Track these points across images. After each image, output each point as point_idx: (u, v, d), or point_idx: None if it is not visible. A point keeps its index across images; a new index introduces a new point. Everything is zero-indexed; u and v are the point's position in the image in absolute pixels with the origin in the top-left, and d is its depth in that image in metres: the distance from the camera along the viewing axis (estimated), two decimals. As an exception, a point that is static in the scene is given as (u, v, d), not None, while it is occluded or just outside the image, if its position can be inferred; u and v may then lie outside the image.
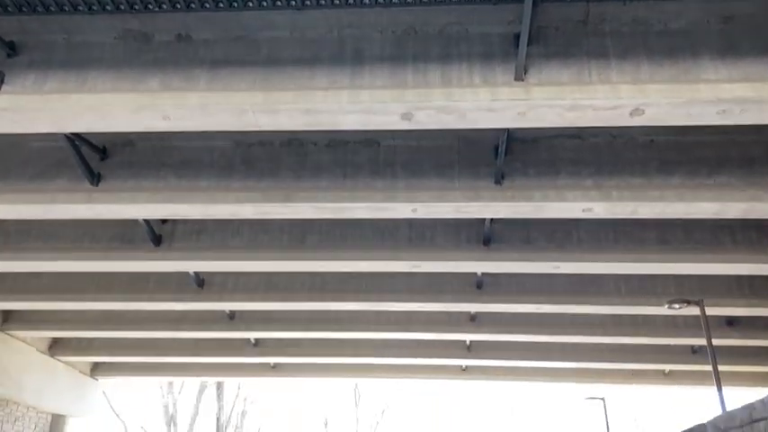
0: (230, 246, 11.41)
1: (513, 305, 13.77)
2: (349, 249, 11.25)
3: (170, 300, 14.00)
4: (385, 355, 18.17)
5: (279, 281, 13.62)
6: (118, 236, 11.48)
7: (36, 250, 11.58)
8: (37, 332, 16.90)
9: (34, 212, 9.85)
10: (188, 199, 9.31)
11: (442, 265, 11.55)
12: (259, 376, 22.78)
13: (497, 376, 20.33)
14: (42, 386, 18.07)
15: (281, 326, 16.02)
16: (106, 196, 9.30)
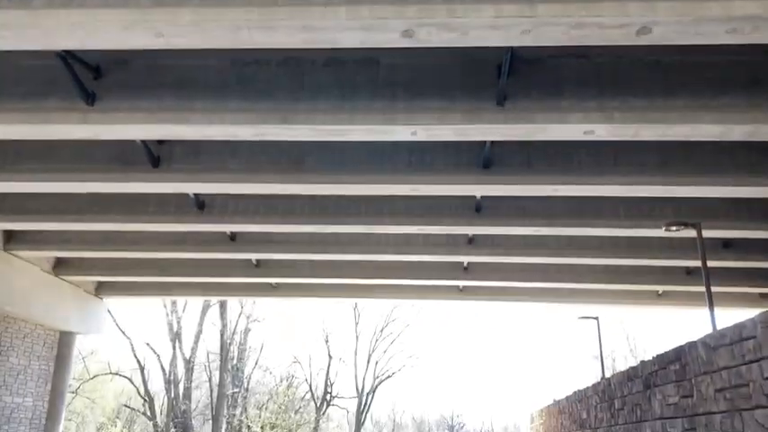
0: (228, 167, 11.35)
1: (512, 228, 13.89)
2: (348, 172, 11.20)
3: (170, 221, 14.08)
4: (383, 277, 18.47)
5: (279, 203, 13.64)
6: (116, 157, 11.39)
7: (34, 171, 11.52)
8: (39, 252, 17.13)
9: (29, 132, 9.76)
10: (184, 120, 9.19)
11: (442, 189, 11.55)
12: (261, 296, 23.23)
13: (494, 297, 20.75)
14: (48, 304, 18.48)
15: (282, 247, 16.20)
16: (102, 116, 9.16)
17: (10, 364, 17.72)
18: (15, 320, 17.90)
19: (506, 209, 13.26)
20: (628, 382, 10.46)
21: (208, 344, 43.88)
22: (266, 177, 11.32)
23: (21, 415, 18.13)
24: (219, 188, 12.11)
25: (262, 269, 18.46)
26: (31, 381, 18.63)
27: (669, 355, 8.62)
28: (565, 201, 12.97)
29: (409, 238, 15.65)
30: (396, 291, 20.79)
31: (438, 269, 18.04)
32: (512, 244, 15.62)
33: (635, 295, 20.04)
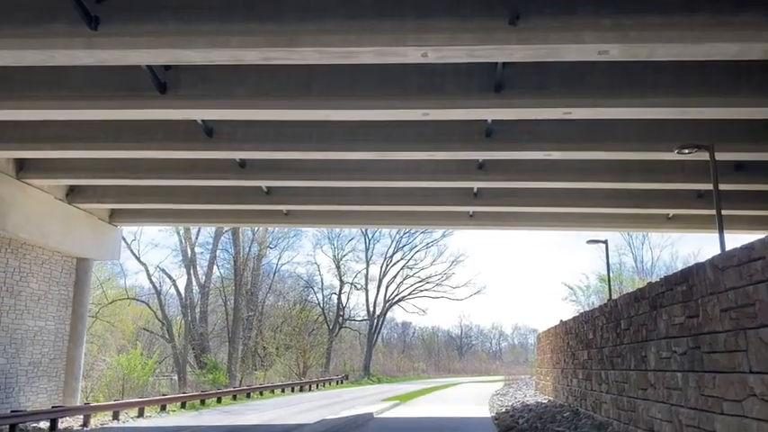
0: (235, 93, 11.21)
1: (523, 152, 13.79)
2: (357, 97, 11.05)
3: (179, 148, 14.08)
4: (393, 203, 18.55)
5: (288, 130, 13.55)
6: (124, 83, 11.26)
7: (42, 98, 11.46)
8: (52, 180, 17.28)
9: (34, 58, 9.63)
10: (189, 44, 9.02)
11: (452, 113, 11.41)
12: (272, 223, 23.60)
13: (504, 223, 20.85)
14: (64, 232, 18.79)
15: (292, 174, 16.22)
16: (106, 41, 9.00)
17: (30, 290, 18.23)
18: (33, 247, 18.27)
19: (517, 133, 13.12)
20: (634, 304, 10.64)
21: (222, 269, 44.85)
22: (274, 103, 11.21)
23: (44, 338, 18.82)
24: (227, 114, 12.02)
25: (272, 196, 18.57)
26: (51, 305, 19.22)
27: (676, 276, 8.72)
28: (576, 124, 12.79)
29: (419, 165, 15.61)
30: (406, 217, 20.92)
31: (448, 195, 18.07)
32: (522, 169, 15.55)
33: (645, 219, 20.08)
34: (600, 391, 13.25)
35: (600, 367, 13.27)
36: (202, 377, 35.05)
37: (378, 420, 18.26)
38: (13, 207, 16.40)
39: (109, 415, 19.13)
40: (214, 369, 35.63)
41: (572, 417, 14.58)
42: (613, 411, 12.07)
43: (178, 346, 40.59)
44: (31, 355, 18.22)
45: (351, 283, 56.97)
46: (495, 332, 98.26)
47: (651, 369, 9.62)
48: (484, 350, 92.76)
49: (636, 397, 10.48)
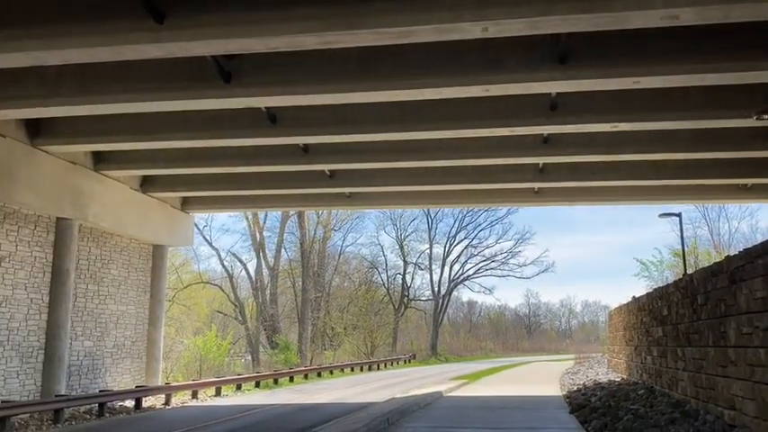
0: (296, 79, 11.35)
1: (589, 125, 13.40)
2: (417, 76, 10.98)
3: (245, 136, 14.43)
4: (456, 182, 18.42)
5: (349, 113, 13.63)
6: (189, 74, 11.57)
7: (114, 92, 11.94)
8: (127, 171, 18.05)
9: (105, 55, 10.03)
10: (250, 32, 9.17)
11: (514, 88, 11.19)
12: (336, 206, 23.89)
13: (571, 198, 20.37)
14: (140, 220, 19.65)
15: (354, 157, 16.35)
16: (172, 34, 9.26)
17: (111, 276, 19.20)
18: (112, 236, 19.20)
19: (583, 105, 12.74)
20: (712, 278, 10.23)
21: (289, 252, 45.88)
22: (334, 87, 11.28)
23: (126, 321, 19.82)
24: (288, 100, 12.18)
25: (335, 179, 18.78)
26: (131, 290, 20.19)
27: (757, 248, 8.32)
28: (644, 93, 12.28)
29: (482, 141, 15.41)
30: (469, 196, 20.76)
31: (512, 172, 17.79)
32: (588, 142, 15.12)
33: (720, 190, 19.19)
34: (676, 368, 12.86)
35: (675, 344, 12.87)
36: (274, 357, 36.12)
37: (447, 399, 18.36)
38: (93, 198, 17.25)
39: (188, 394, 20.01)
40: (285, 349, 36.64)
41: (647, 395, 14.22)
42: (691, 389, 11.70)
43: (250, 328, 41.90)
44: (114, 338, 19.23)
45: (414, 263, 57.22)
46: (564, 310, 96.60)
47: (731, 345, 9.25)
48: (553, 329, 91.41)
49: (715, 374, 10.12)
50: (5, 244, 15.04)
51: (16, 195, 14.71)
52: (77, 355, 17.57)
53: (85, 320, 17.98)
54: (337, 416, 14.19)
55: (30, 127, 14.84)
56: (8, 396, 14.74)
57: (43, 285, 16.17)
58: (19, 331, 15.38)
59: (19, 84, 12.20)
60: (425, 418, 13.77)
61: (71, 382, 17.09)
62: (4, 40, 9.66)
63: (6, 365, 14.98)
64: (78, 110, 12.73)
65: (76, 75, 11.86)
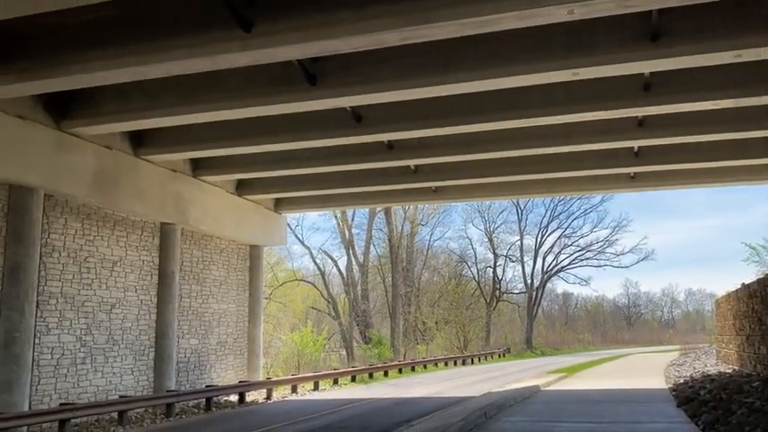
0: (379, 76, 11.44)
1: (686, 104, 12.67)
2: (501, 65, 10.78)
3: (332, 136, 14.72)
4: (547, 171, 17.96)
5: (432, 107, 13.59)
6: (276, 79, 11.95)
7: (207, 101, 12.51)
8: (222, 176, 18.85)
9: (197, 65, 10.52)
10: (332, 33, 9.32)
11: (605, 69, 10.75)
12: (422, 201, 23.90)
13: (669, 182, 19.37)
14: (236, 222, 20.49)
15: (439, 151, 16.29)
16: (259, 41, 9.57)
17: (213, 276, 20.14)
18: (212, 238, 20.14)
19: (679, 84, 12.06)
20: (833, 262, 9.42)
21: (378, 248, 46.40)
22: (416, 81, 11.28)
23: (227, 319, 20.73)
24: (372, 98, 12.28)
25: (420, 174, 18.80)
26: (231, 290, 21.09)
27: None
28: (744, 67, 11.42)
29: (573, 127, 14.92)
30: (560, 184, 20.19)
31: (606, 157, 17.13)
32: (686, 122, 14.30)
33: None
34: (795, 359, 11.97)
35: (794, 334, 11.98)
36: (368, 352, 36.66)
37: (545, 393, 17.98)
38: (193, 203, 18.15)
39: (288, 389, 20.69)
40: (379, 344, 37.13)
41: (762, 387, 13.32)
42: (813, 382, 10.86)
43: (344, 323, 42.73)
44: (218, 336, 20.17)
45: (505, 255, 56.36)
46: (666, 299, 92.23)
47: None
48: (654, 319, 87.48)
49: (841, 366, 9.33)
50: (116, 249, 16.11)
51: (124, 203, 15.72)
52: (184, 352, 18.57)
53: (191, 319, 18.97)
54: (433, 410, 14.23)
55: (133, 138, 15.80)
56: (124, 391, 15.81)
57: (151, 287, 17.20)
58: (131, 331, 16.45)
59: (123, 98, 13.05)
60: (523, 412, 13.55)
61: (180, 378, 18.08)
62: (107, 58, 10.34)
63: (122, 363, 16.06)
64: (177, 120, 13.44)
65: (174, 87, 12.54)
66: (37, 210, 13.43)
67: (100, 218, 15.66)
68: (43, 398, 13.77)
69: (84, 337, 14.96)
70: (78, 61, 10.55)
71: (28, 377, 13.00)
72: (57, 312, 14.28)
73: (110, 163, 15.12)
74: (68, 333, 14.55)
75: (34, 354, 13.39)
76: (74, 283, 14.78)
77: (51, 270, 14.19)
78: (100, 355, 15.40)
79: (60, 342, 14.33)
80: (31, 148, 13.03)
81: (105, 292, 15.69)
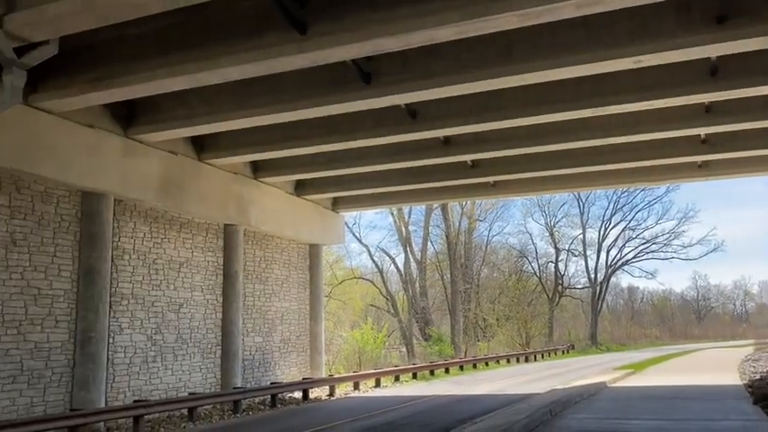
0: (434, 72, 11.38)
1: (754, 88, 12.08)
2: (561, 54, 10.55)
3: (387, 134, 14.74)
4: (610, 162, 17.47)
5: (490, 100, 13.42)
6: (331, 80, 12.07)
7: (266, 104, 12.77)
8: (281, 177, 19.17)
9: (255, 70, 10.74)
10: (386, 32, 9.34)
11: (670, 55, 10.37)
12: (480, 196, 23.69)
13: (739, 170, 18.51)
14: (296, 222, 20.83)
15: (496, 144, 16.07)
16: (314, 43, 9.69)
17: (274, 276, 20.54)
18: (273, 238, 20.54)
19: (747, 67, 11.51)
20: None
21: (435, 245, 46.24)
22: (472, 76, 11.16)
23: (290, 317, 21.11)
24: (428, 94, 12.21)
25: (478, 169, 18.62)
26: (293, 288, 21.46)
27: None
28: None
29: (637, 116, 14.46)
30: (623, 175, 19.60)
31: (671, 146, 16.52)
32: (757, 107, 13.64)
33: None
34: None
35: None
36: (428, 349, 36.61)
37: (611, 390, 17.54)
38: (254, 204, 18.55)
39: (350, 386, 20.88)
40: (439, 341, 37.02)
41: None
42: None
43: (403, 320, 42.81)
44: (281, 333, 20.56)
45: (567, 249, 55.17)
46: (738, 292, 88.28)
47: None
48: (726, 313, 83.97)
49: None
50: (183, 251, 16.63)
51: (189, 206, 16.21)
52: (249, 350, 19.01)
53: (254, 318, 19.41)
54: (496, 407, 14.09)
55: (196, 143, 16.28)
56: (193, 388, 16.32)
57: (217, 287, 17.69)
58: (199, 329, 16.96)
59: (184, 105, 13.46)
60: (589, 409, 13.25)
61: (245, 375, 18.53)
62: (169, 65, 10.69)
63: (190, 361, 16.58)
64: (236, 124, 13.76)
65: (232, 92, 12.86)
66: (108, 214, 14.02)
67: (167, 221, 16.20)
68: (118, 395, 14.36)
69: (154, 336, 15.52)
70: (141, 70, 10.96)
71: (103, 375, 13.59)
72: (128, 312, 14.86)
73: (174, 167, 15.62)
74: (140, 332, 15.12)
75: (109, 352, 13.99)
76: (144, 284, 15.35)
77: (122, 272, 14.78)
78: (169, 353, 15.94)
79: (132, 341, 14.92)
80: (100, 155, 13.59)
81: (173, 292, 16.23)
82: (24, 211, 12.60)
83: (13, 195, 12.42)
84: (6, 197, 12.28)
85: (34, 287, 12.63)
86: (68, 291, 13.31)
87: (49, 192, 13.11)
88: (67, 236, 13.42)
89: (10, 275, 12.21)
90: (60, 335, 13.06)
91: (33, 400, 12.40)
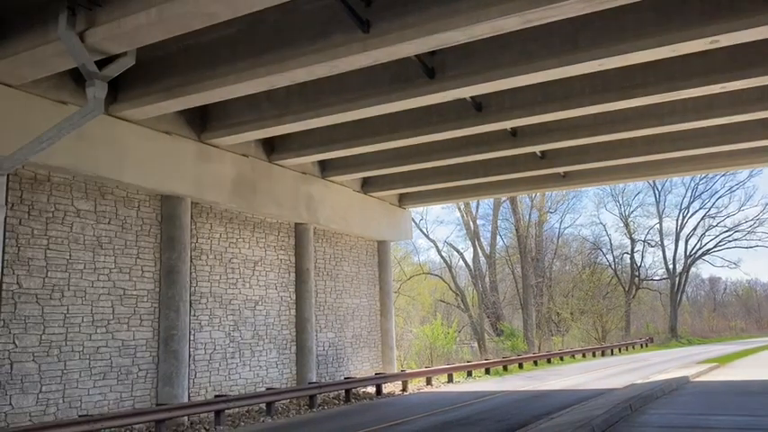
0: (500, 63, 11.25)
1: None
2: (629, 38, 10.21)
3: (452, 128, 14.67)
4: (684, 148, 16.78)
5: (556, 90, 13.17)
6: (395, 77, 12.14)
7: (331, 104, 12.96)
8: (348, 175, 19.39)
9: (321, 71, 10.90)
10: (450, 25, 9.30)
11: (747, 34, 9.84)
12: (550, 188, 23.12)
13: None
14: (363, 219, 21.05)
15: (566, 135, 15.72)
16: (378, 41, 9.77)
17: (344, 272, 20.83)
18: (342, 236, 20.83)
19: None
20: None
21: (505, 239, 45.64)
22: (540, 64, 10.96)
23: (360, 313, 21.36)
24: (493, 86, 12.07)
25: (548, 160, 18.26)
26: (362, 284, 21.70)
27: None
28: None
29: (711, 100, 13.82)
30: (700, 161, 18.77)
31: (752, 129, 15.70)
32: None
33: None
34: None
35: None
36: (501, 344, 36.20)
37: (695, 384, 16.85)
38: (322, 203, 18.88)
39: (422, 381, 20.93)
40: (511, 336, 36.54)
41: None
42: None
43: (474, 315, 42.49)
44: (352, 329, 20.84)
45: (643, 240, 53.33)
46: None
47: None
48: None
49: None
50: (257, 250, 17.12)
51: (261, 207, 16.66)
52: (323, 345, 19.37)
53: (327, 314, 19.76)
54: (573, 403, 13.81)
55: (266, 145, 16.72)
56: (270, 383, 16.78)
57: (289, 284, 18.12)
58: (274, 326, 17.42)
59: (254, 108, 13.85)
60: (672, 404, 12.79)
61: (319, 370, 18.89)
62: (239, 71, 11.03)
63: (267, 356, 17.05)
64: (304, 125, 14.03)
65: (299, 94, 13.15)
66: (186, 217, 14.60)
67: (240, 221, 16.71)
68: (199, 390, 14.95)
69: (232, 332, 16.06)
70: (213, 77, 11.36)
71: (186, 371, 14.17)
72: (207, 310, 15.44)
73: (247, 169, 16.10)
74: (218, 329, 15.68)
75: (190, 349, 14.58)
76: (221, 283, 15.90)
77: (200, 271, 15.36)
78: (247, 349, 16.46)
79: (212, 338, 15.48)
80: (177, 160, 14.17)
81: (249, 290, 16.73)
82: (109, 216, 13.29)
83: (98, 201, 13.11)
84: (92, 203, 12.98)
85: (120, 288, 13.31)
86: (151, 291, 13.95)
87: (130, 197, 13.78)
88: (149, 238, 14.07)
89: (98, 277, 12.91)
90: (145, 333, 13.71)
91: (122, 395, 13.08)
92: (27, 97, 11.31)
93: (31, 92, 11.34)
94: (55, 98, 11.72)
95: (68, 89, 11.88)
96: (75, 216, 12.62)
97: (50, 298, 11.99)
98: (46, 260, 11.99)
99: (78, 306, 12.46)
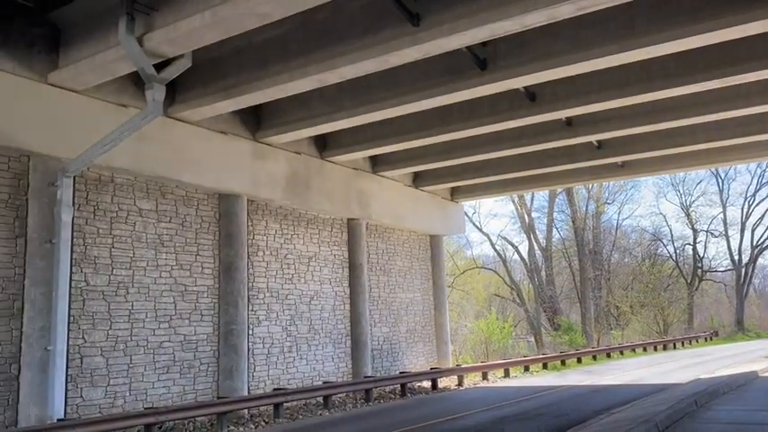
0: (554, 51, 11.04)
1: None
2: (683, 23, 9.84)
3: (505, 119, 14.47)
4: (749, 133, 16.07)
5: (612, 77, 12.81)
6: (446, 69, 12.06)
7: (383, 99, 12.98)
8: (399, 170, 19.41)
9: (371, 66, 10.95)
10: (502, 14, 9.18)
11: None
12: (607, 178, 22.55)
13: None
14: (415, 213, 21.04)
15: (623, 123, 15.30)
16: (428, 34, 9.74)
17: (397, 267, 20.88)
18: (393, 230, 20.87)
19: None
20: None
21: (561, 231, 44.80)
22: (595, 52, 10.70)
23: (414, 308, 21.37)
24: (547, 75, 11.84)
25: (605, 150, 17.83)
26: (415, 279, 21.70)
27: None
28: None
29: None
30: (766, 147, 17.94)
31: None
32: None
33: None
34: None
35: None
36: (558, 338, 35.57)
37: (764, 379, 16.16)
38: (374, 198, 18.96)
39: (478, 376, 20.79)
40: (569, 330, 35.83)
41: None
42: None
43: (530, 310, 41.89)
44: (406, 324, 20.88)
45: (706, 230, 51.27)
46: None
47: None
48: None
49: None
50: (311, 245, 17.35)
51: (314, 203, 16.87)
52: (377, 340, 19.48)
53: (380, 308, 19.85)
54: (634, 398, 13.46)
55: (318, 142, 16.90)
56: (326, 377, 17.00)
57: (343, 279, 18.29)
58: (329, 320, 17.63)
59: (306, 106, 14.02)
60: (740, 400, 12.31)
61: (374, 364, 19.01)
62: (291, 69, 11.18)
63: (323, 350, 17.28)
64: (355, 121, 14.11)
65: (350, 90, 13.23)
66: (242, 214, 14.92)
67: (295, 218, 16.96)
68: (258, 383, 15.27)
69: (288, 327, 16.33)
70: (265, 76, 11.56)
71: (245, 365, 14.50)
72: (264, 305, 15.74)
73: (300, 167, 16.32)
74: (276, 324, 15.98)
75: (249, 343, 14.90)
76: (277, 279, 16.19)
77: (257, 267, 15.66)
78: (303, 343, 16.71)
79: (269, 332, 15.79)
80: (233, 159, 14.49)
81: (304, 285, 16.98)
82: (169, 215, 13.70)
83: (159, 200, 13.53)
84: (153, 202, 13.41)
85: (181, 284, 13.71)
86: (211, 287, 14.32)
87: (189, 196, 14.16)
88: (208, 236, 14.44)
89: (160, 274, 13.33)
90: (205, 328, 14.09)
91: (185, 389, 13.49)
92: (90, 102, 11.77)
93: (94, 96, 11.80)
94: (116, 102, 12.16)
95: (128, 93, 12.29)
96: (138, 215, 13.07)
97: (116, 294, 12.47)
98: (111, 258, 12.46)
99: (142, 302, 12.90)
